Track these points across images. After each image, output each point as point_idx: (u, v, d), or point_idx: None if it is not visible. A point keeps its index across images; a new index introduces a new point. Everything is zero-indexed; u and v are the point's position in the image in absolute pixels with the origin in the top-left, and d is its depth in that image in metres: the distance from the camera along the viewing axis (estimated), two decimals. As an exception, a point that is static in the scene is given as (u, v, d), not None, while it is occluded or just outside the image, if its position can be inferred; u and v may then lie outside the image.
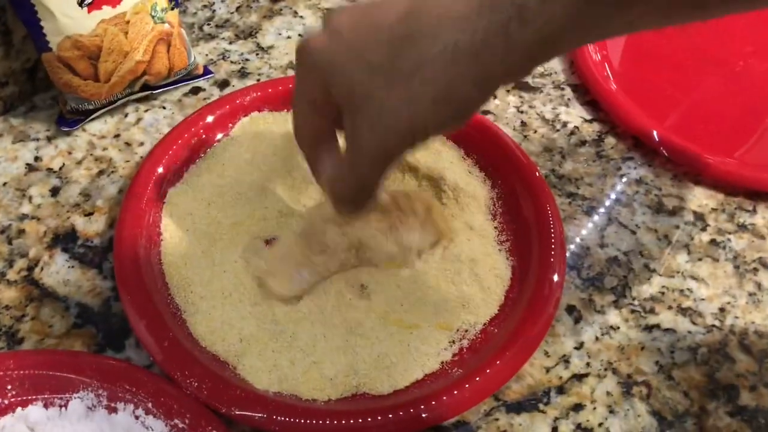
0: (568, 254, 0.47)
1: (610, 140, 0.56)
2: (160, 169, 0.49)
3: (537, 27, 0.29)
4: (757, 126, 0.59)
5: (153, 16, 0.52)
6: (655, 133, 0.54)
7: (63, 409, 0.39)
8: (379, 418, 0.39)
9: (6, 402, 0.39)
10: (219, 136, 0.52)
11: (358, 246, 0.45)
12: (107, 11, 0.50)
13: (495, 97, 0.58)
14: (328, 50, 0.34)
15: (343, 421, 0.39)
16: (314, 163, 0.40)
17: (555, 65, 0.62)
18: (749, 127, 0.59)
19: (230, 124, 0.53)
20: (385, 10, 0.32)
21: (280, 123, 0.54)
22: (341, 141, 0.37)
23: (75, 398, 0.39)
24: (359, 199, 0.38)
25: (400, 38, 0.31)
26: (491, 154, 0.52)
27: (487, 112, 0.57)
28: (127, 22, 0.51)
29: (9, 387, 0.39)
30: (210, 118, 0.52)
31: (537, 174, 0.50)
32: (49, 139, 0.53)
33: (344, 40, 0.33)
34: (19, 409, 0.38)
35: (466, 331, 0.44)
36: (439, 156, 0.52)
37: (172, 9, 0.53)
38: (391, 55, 0.31)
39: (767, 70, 0.63)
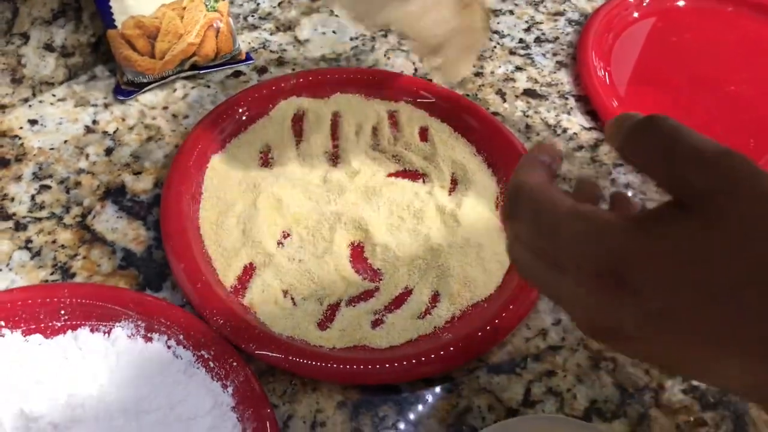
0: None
1: (604, 148, 0.61)
2: (207, 137, 0.54)
3: None
4: (742, 145, 0.62)
5: (206, 5, 0.57)
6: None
7: (107, 335, 0.43)
8: (378, 366, 0.43)
9: (59, 324, 0.43)
10: (260, 115, 0.57)
11: None
12: (168, -3, 0.55)
13: (504, 101, 0.64)
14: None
15: (347, 366, 0.43)
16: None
17: (562, 77, 0.67)
18: (734, 145, 0.61)
19: (270, 105, 0.57)
20: None
21: (316, 107, 0.58)
22: None
23: (117, 326, 0.43)
24: None
25: None
26: (500, 153, 0.56)
27: (496, 114, 0.62)
28: (184, 8, 0.56)
29: (62, 312, 0.44)
30: (253, 98, 0.57)
31: None
32: (106, 105, 0.59)
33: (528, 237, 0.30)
34: (69, 331, 0.43)
35: (461, 304, 0.48)
36: (454, 151, 0.56)
37: (223, 0, 0.60)
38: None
39: (756, 94, 0.67)
